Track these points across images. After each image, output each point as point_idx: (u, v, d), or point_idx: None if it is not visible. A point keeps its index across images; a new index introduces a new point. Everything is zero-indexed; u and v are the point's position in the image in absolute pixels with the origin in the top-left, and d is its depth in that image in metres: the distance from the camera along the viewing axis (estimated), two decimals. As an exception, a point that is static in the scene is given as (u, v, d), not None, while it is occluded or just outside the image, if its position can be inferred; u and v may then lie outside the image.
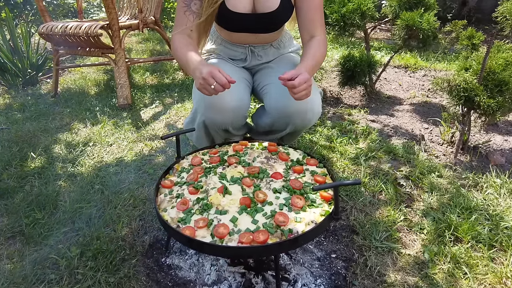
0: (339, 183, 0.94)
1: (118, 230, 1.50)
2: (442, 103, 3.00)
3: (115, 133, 2.40)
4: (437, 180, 1.87)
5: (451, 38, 3.06)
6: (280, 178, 1.15)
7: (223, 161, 1.26)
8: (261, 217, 0.99)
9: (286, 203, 1.04)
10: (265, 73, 1.72)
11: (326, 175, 1.19)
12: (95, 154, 2.14)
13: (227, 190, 1.07)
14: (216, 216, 1.00)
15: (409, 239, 1.49)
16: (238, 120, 1.57)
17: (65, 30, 2.76)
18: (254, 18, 1.52)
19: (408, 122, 2.62)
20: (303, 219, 0.99)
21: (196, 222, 0.99)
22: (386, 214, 1.61)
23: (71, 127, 2.50)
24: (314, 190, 0.93)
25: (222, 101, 1.47)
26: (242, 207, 1.02)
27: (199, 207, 1.04)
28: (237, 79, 1.66)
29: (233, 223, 0.97)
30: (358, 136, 2.33)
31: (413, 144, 2.27)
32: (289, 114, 1.53)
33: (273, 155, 1.29)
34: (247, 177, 1.15)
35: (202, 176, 1.18)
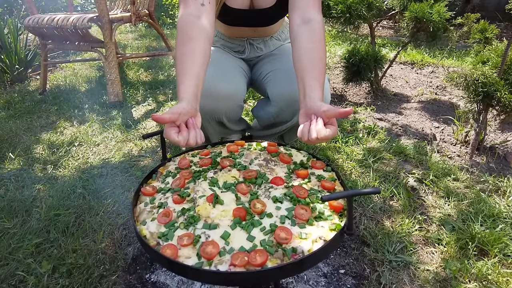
0: (353, 192, 0.77)
1: (98, 241, 1.33)
2: (452, 100, 2.83)
3: (103, 132, 2.23)
4: (454, 184, 1.70)
5: (462, 32, 2.89)
6: (282, 184, 0.98)
7: (215, 163, 1.09)
8: (259, 233, 0.82)
9: (288, 215, 0.86)
10: (267, 61, 1.56)
11: (335, 180, 1.02)
12: (80, 154, 1.97)
13: (218, 199, 0.90)
14: (204, 231, 0.83)
15: (426, 251, 1.32)
16: (232, 109, 1.41)
17: (52, 23, 2.59)
18: (252, 13, 1.38)
19: (418, 121, 2.45)
20: (309, 235, 0.82)
21: (179, 238, 0.82)
22: (399, 223, 1.44)
23: (57, 125, 2.33)
24: (324, 200, 0.76)
25: (214, 87, 1.31)
26: (236, 220, 0.85)
27: (184, 219, 0.87)
28: (233, 67, 1.50)
29: (224, 240, 0.80)
30: (365, 135, 2.16)
31: (424, 144, 2.10)
32: (296, 100, 1.36)
33: (273, 156, 1.12)
34: (243, 183, 0.98)
35: (189, 182, 1.01)
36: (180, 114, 0.91)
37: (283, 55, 1.57)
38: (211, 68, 1.43)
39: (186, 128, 0.92)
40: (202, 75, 1.02)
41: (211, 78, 1.36)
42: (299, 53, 1.11)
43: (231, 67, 1.48)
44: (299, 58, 1.10)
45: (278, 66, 1.50)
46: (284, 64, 1.50)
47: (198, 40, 1.07)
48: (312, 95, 0.99)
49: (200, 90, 1.01)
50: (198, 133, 0.93)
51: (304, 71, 1.06)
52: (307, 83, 1.03)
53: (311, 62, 1.07)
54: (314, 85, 1.02)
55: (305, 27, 1.15)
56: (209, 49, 1.10)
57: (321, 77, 1.05)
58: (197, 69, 1.01)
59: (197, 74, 1.00)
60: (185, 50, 1.04)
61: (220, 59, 1.51)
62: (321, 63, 1.08)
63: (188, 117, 0.94)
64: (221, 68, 1.43)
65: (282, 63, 1.51)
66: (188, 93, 0.96)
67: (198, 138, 0.93)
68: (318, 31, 1.14)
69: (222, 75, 1.39)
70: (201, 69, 1.03)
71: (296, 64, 1.11)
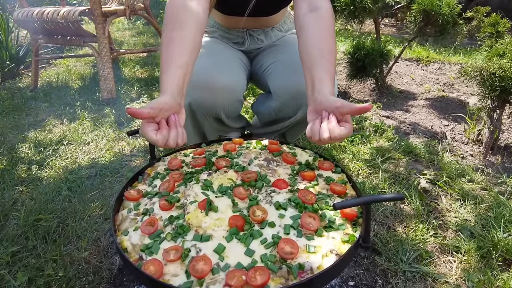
0: (372, 198, 0.65)
1: (82, 248, 1.20)
2: (460, 98, 2.71)
3: (94, 130, 2.10)
4: (469, 185, 1.57)
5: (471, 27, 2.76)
6: (285, 188, 0.86)
7: (209, 164, 0.96)
8: (259, 246, 0.70)
9: (294, 224, 0.74)
10: (268, 52, 1.44)
11: (345, 183, 0.90)
12: (68, 154, 1.85)
13: (212, 205, 0.77)
14: (194, 243, 0.71)
15: (443, 260, 1.19)
16: (231, 104, 1.29)
17: (42, 16, 2.47)
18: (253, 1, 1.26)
19: (426, 119, 2.33)
20: (319, 248, 0.69)
21: (166, 252, 0.69)
22: (412, 228, 1.32)
23: (46, 123, 2.21)
24: (336, 208, 0.64)
25: (212, 79, 1.20)
26: (232, 230, 0.72)
27: (172, 229, 0.75)
28: (231, 58, 1.38)
29: (218, 254, 0.68)
30: (372, 134, 2.03)
31: (435, 143, 1.97)
32: (301, 93, 1.25)
33: (275, 156, 1.00)
34: (241, 186, 0.86)
35: (180, 185, 0.88)
36: (162, 109, 0.78)
37: (286, 45, 1.45)
38: (208, 59, 1.32)
39: (166, 126, 0.79)
40: (190, 66, 0.89)
41: (208, 69, 1.24)
42: (306, 43, 0.98)
43: (229, 58, 1.36)
44: (306, 49, 0.97)
45: (280, 57, 1.39)
46: (286, 55, 1.38)
47: (189, 26, 0.93)
48: (322, 89, 0.86)
49: (187, 82, 0.87)
50: (180, 133, 0.80)
51: (312, 63, 0.93)
52: (316, 76, 0.90)
53: (320, 52, 0.94)
54: (324, 78, 0.89)
55: (312, 16, 1.02)
56: (200, 37, 0.97)
57: (331, 69, 0.92)
58: (185, 58, 0.88)
59: (184, 63, 0.87)
60: (173, 35, 0.91)
61: (218, 49, 1.39)
62: (331, 54, 0.95)
63: (170, 113, 0.81)
64: (218, 59, 1.31)
65: (285, 54, 1.39)
66: (172, 85, 0.83)
67: (180, 139, 0.80)
68: (326, 19, 1.02)
69: (220, 66, 1.27)
70: (190, 58, 0.89)
71: (303, 55, 0.98)
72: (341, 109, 0.79)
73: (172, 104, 0.81)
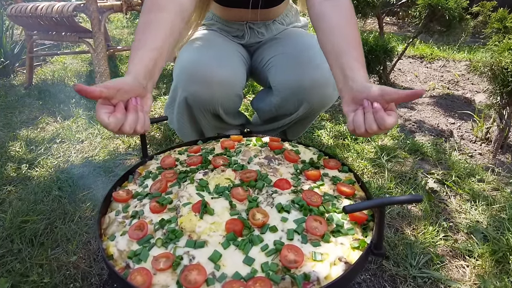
0: (387, 200, 0.58)
1: (71, 252, 1.13)
2: (466, 95, 2.64)
3: (88, 128, 2.03)
4: (479, 185, 1.50)
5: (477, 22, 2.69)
6: (288, 188, 0.79)
7: (206, 162, 0.89)
8: (259, 253, 0.63)
9: (298, 228, 0.67)
10: (269, 46, 1.37)
11: (353, 183, 0.83)
12: (60, 152, 1.78)
13: (207, 208, 0.70)
14: (187, 250, 0.63)
15: (456, 265, 1.12)
16: (229, 99, 1.22)
17: (36, 11, 2.40)
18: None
19: (431, 116, 2.26)
20: (326, 255, 0.62)
21: (155, 260, 0.62)
22: (421, 230, 1.25)
23: (38, 121, 2.14)
24: (348, 212, 0.57)
25: (209, 72, 1.13)
26: (229, 235, 0.65)
27: (163, 234, 0.68)
28: (230, 51, 1.30)
29: (214, 263, 0.61)
30: (376, 132, 1.96)
31: (442, 141, 1.90)
32: (303, 88, 1.18)
33: (276, 154, 0.92)
34: (239, 187, 0.78)
35: (173, 185, 0.81)
36: (119, 90, 0.69)
37: (288, 38, 1.37)
38: (205, 51, 1.24)
39: (123, 110, 0.70)
40: (164, 51, 0.80)
41: (205, 62, 1.17)
42: (328, 33, 0.89)
43: (228, 51, 1.29)
44: (329, 40, 0.87)
45: (281, 50, 1.31)
46: (288, 48, 1.30)
47: (168, 11, 0.85)
48: (356, 77, 0.77)
49: (158, 68, 0.79)
50: (140, 118, 0.71)
51: (339, 53, 0.83)
52: (346, 65, 0.80)
53: (346, 41, 0.85)
54: (356, 66, 0.79)
55: (330, 3, 0.92)
56: (180, 24, 0.88)
57: (360, 59, 0.82)
58: (160, 42, 0.80)
59: (158, 47, 0.79)
60: (150, 18, 0.83)
61: (216, 42, 1.32)
62: (358, 43, 0.86)
63: (130, 96, 0.72)
64: (216, 51, 1.24)
65: (286, 47, 1.32)
66: (139, 66, 0.75)
67: (139, 125, 0.71)
68: (347, 6, 0.92)
69: (218, 59, 1.20)
70: (165, 43, 0.81)
71: (326, 45, 0.88)
72: (387, 97, 0.70)
73: (134, 85, 0.72)
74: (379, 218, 0.60)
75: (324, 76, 1.19)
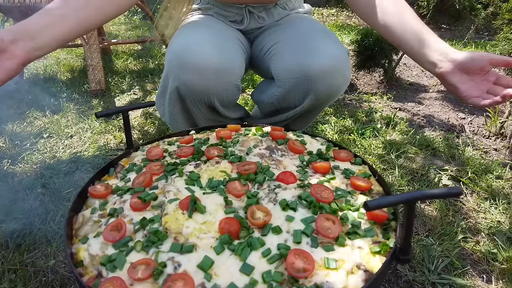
0: (419, 193, 0.47)
1: (50, 255, 1.02)
2: (475, 90, 2.52)
3: (78, 122, 1.92)
4: (498, 182, 1.39)
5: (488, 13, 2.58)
6: (293, 183, 0.67)
7: (198, 153, 0.78)
8: (260, 260, 0.51)
9: (307, 229, 0.55)
10: (271, 32, 1.26)
11: (369, 176, 0.71)
12: (47, 148, 1.67)
13: (198, 205, 0.59)
14: (172, 256, 0.52)
15: (479, 270, 1.01)
16: (226, 89, 1.10)
17: (25, 1, 2.29)
18: None
19: (441, 111, 2.14)
20: (342, 262, 0.51)
21: (132, 267, 0.51)
22: (438, 231, 1.13)
23: (26, 115, 2.03)
24: (371, 209, 0.45)
25: (203, 59, 1.02)
26: (224, 238, 0.54)
27: (144, 236, 0.56)
28: (228, 36, 1.18)
29: (204, 271, 0.49)
30: (383, 126, 1.85)
31: (453, 136, 1.79)
32: (309, 77, 1.07)
33: (279, 144, 0.81)
34: (237, 181, 0.67)
35: (159, 179, 0.70)
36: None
37: (291, 24, 1.26)
38: (199, 36, 1.12)
39: None
40: (69, 21, 0.77)
41: (199, 47, 1.05)
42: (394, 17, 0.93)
43: (225, 36, 1.17)
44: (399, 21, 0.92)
45: (283, 37, 1.20)
46: (291, 34, 1.19)
47: None
48: (446, 49, 0.86)
49: (55, 36, 0.76)
50: None
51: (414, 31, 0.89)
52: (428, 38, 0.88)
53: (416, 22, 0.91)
54: (436, 39, 0.88)
55: None
56: (103, 4, 0.84)
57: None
58: (66, 10, 0.76)
59: (61, 14, 0.75)
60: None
61: (212, 26, 1.20)
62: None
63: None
64: (212, 37, 1.12)
65: (289, 33, 1.20)
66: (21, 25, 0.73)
67: None
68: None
69: (213, 44, 1.08)
70: (74, 14, 0.77)
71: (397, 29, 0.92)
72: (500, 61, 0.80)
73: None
74: (407, 216, 0.49)
75: (331, 64, 1.08)
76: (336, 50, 1.11)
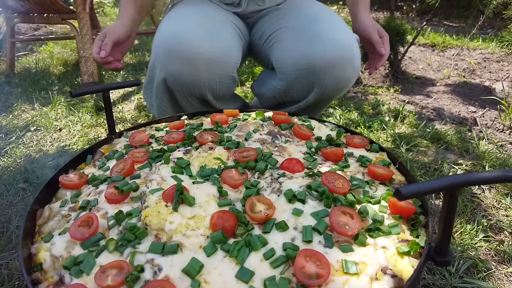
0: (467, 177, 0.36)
1: (27, 257, 0.91)
2: (484, 83, 2.42)
3: (68, 115, 1.82)
4: (517, 177, 1.28)
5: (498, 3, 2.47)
6: (300, 171, 0.57)
7: (189, 139, 0.67)
8: (261, 263, 0.41)
9: (319, 225, 0.45)
10: (271, 17, 1.15)
11: (388, 164, 0.61)
12: (34, 141, 1.56)
13: (185, 195, 0.48)
14: (151, 258, 0.42)
15: (504, 273, 0.90)
16: (219, 81, 0.98)
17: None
18: None
19: (450, 104, 2.04)
20: (364, 266, 0.41)
21: (101, 272, 0.40)
22: (457, 230, 1.03)
23: (14, 108, 1.92)
24: (404, 197, 0.35)
25: (193, 46, 0.90)
26: (216, 235, 0.43)
27: (119, 232, 0.46)
28: (222, 22, 1.06)
29: (191, 278, 0.39)
30: (391, 119, 1.75)
31: (465, 129, 1.69)
32: (314, 68, 0.95)
33: (283, 129, 0.70)
34: (233, 168, 0.57)
35: (143, 167, 0.59)
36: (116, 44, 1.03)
37: (294, 8, 1.15)
38: (189, 21, 0.98)
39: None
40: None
41: (189, 33, 0.92)
42: None
43: (219, 21, 1.05)
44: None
45: (285, 23, 1.09)
46: (294, 20, 1.08)
47: None
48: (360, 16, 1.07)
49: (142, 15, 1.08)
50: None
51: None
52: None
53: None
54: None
55: None
56: None
57: None
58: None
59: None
60: None
61: (203, 9, 1.07)
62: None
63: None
64: (204, 20, 0.99)
65: (292, 18, 1.09)
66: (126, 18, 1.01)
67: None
68: None
69: (205, 30, 0.95)
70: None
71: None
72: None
73: (125, 36, 1.04)
74: (448, 207, 0.39)
75: (339, 53, 0.97)
76: (344, 36, 1.00)
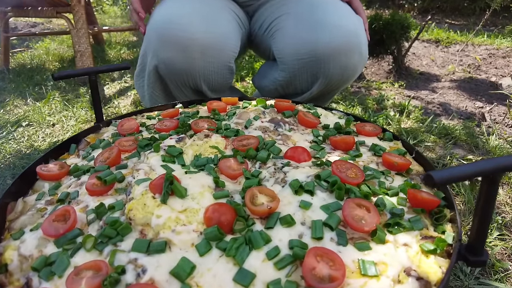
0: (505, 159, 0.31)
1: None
2: (491, 79, 2.36)
3: (62, 110, 1.76)
4: (530, 173, 1.22)
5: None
6: (307, 160, 0.51)
7: (183, 127, 0.61)
8: (264, 264, 0.35)
9: (330, 220, 0.39)
10: (272, 4, 1.08)
11: (404, 153, 0.55)
12: (25, 136, 1.50)
13: (175, 186, 0.42)
14: (134, 257, 0.36)
15: (523, 274, 0.84)
16: (215, 71, 0.91)
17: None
18: None
19: (456, 100, 1.98)
20: (384, 267, 0.35)
21: (75, 275, 0.34)
22: (469, 228, 0.97)
23: (6, 103, 1.86)
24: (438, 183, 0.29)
25: (187, 32, 0.83)
26: (211, 231, 0.37)
27: (99, 228, 0.40)
28: (219, 8, 1.00)
29: (180, 281, 0.33)
30: (397, 114, 1.69)
31: (473, 125, 1.63)
32: (317, 57, 0.89)
33: (286, 116, 0.64)
34: (232, 158, 0.50)
35: (131, 157, 0.53)
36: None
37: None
38: (183, 5, 0.91)
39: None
40: None
41: (183, 19, 0.85)
42: None
43: (216, 6, 0.98)
44: None
45: (287, 9, 1.03)
46: (296, 6, 1.01)
47: None
48: None
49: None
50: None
51: None
52: None
53: None
54: None
55: None
56: None
57: None
58: None
59: None
60: None
61: None
62: None
63: None
64: (200, 6, 0.93)
65: (294, 5, 1.02)
66: None
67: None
68: None
69: (200, 16, 0.89)
70: None
71: None
72: None
73: None
74: (486, 197, 0.33)
75: (345, 39, 0.90)
76: (349, 22, 0.93)
